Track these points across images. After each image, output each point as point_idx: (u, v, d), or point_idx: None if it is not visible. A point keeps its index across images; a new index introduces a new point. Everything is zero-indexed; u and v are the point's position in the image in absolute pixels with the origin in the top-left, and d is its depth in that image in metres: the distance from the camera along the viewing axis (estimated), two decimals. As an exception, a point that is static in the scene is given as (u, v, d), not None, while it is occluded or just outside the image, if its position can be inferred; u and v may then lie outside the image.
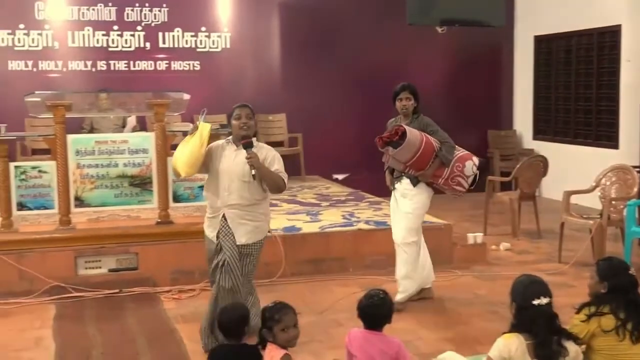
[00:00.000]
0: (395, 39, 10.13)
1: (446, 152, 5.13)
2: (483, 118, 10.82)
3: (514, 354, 3.10)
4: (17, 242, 5.75)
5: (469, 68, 10.67)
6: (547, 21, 10.26)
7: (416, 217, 5.31)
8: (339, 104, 10.19)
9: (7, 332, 4.88)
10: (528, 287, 3.23)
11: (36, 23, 9.17)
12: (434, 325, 4.95)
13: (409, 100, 5.23)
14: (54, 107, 5.80)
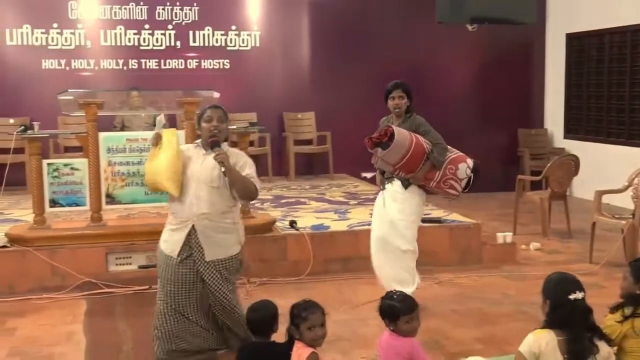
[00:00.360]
0: (424, 37, 10.07)
1: (437, 154, 4.87)
2: (513, 117, 10.72)
3: (544, 350, 3.06)
4: (50, 239, 5.80)
5: (500, 66, 10.57)
6: (579, 18, 10.12)
7: (411, 223, 5.01)
8: (368, 102, 10.10)
9: (39, 326, 4.93)
10: (563, 283, 3.18)
11: (69, 22, 9.28)
12: (462, 324, 4.91)
13: (401, 99, 5.01)
14: (86, 105, 5.84)
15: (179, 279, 4.01)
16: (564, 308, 3.09)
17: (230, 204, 3.99)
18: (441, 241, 6.50)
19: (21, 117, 8.84)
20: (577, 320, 3.08)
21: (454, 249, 6.52)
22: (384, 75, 10.08)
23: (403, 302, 3.37)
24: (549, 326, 3.13)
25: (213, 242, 3.95)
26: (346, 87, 10.03)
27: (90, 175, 5.89)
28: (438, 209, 7.41)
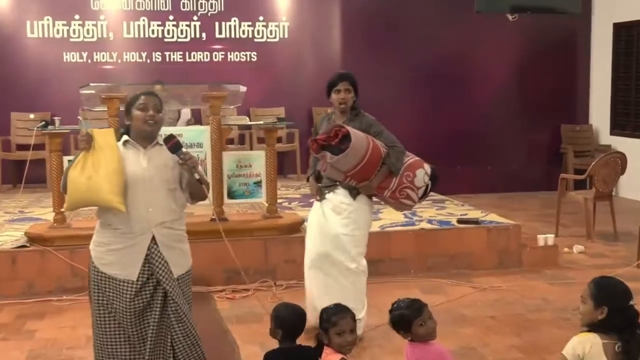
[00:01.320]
0: (462, 27, 9.99)
1: (395, 159, 4.42)
2: (556, 111, 10.60)
3: (589, 353, 3.07)
4: (70, 238, 5.84)
5: (542, 58, 10.45)
6: (627, 7, 9.98)
7: (360, 238, 4.57)
8: (402, 96, 10.11)
9: (59, 329, 4.99)
10: (620, 289, 3.18)
11: (91, 13, 9.37)
12: (501, 332, 4.87)
13: (348, 93, 4.50)
14: (108, 99, 5.89)
15: (137, 309, 3.38)
16: (624, 314, 3.10)
17: (183, 208, 3.54)
18: (478, 243, 6.46)
19: (42, 112, 8.94)
20: (633, 325, 3.09)
21: (491, 251, 6.47)
22: (419, 69, 10.10)
23: (410, 306, 3.32)
24: (598, 330, 3.12)
25: (176, 254, 3.46)
26: (379, 80, 9.98)
27: (112, 173, 5.93)
28: (475, 209, 7.36)
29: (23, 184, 6.71)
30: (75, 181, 3.28)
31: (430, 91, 10.14)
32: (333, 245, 4.52)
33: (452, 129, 10.20)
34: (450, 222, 6.74)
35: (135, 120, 3.39)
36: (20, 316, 5.25)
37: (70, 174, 3.30)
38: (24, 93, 9.19)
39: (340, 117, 4.54)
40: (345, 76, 4.58)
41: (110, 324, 3.39)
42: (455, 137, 10.22)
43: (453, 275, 6.10)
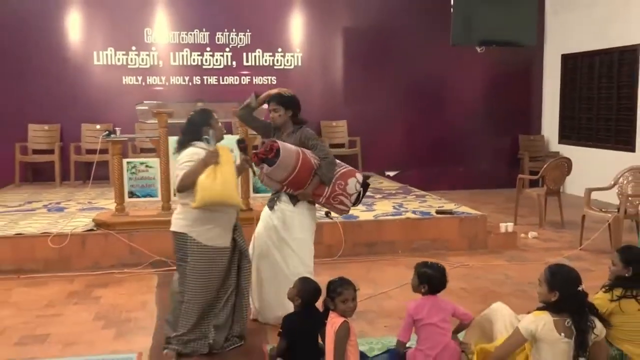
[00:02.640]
0: (440, 57, 9.98)
1: (326, 169, 4.03)
2: (515, 124, 10.57)
3: (542, 329, 3.03)
4: (128, 224, 5.88)
5: (504, 82, 10.43)
6: (572, 41, 9.94)
7: (309, 241, 4.18)
8: (392, 112, 10.12)
9: (120, 296, 5.02)
10: (570, 277, 3.13)
11: (145, 46, 9.40)
12: (470, 300, 4.86)
13: (275, 112, 4.12)
14: (158, 114, 5.90)
15: (226, 268, 3.73)
16: (575, 298, 3.06)
17: None
18: (452, 230, 6.45)
19: (106, 123, 8.97)
20: (582, 306, 3.07)
21: (463, 236, 6.46)
22: (406, 89, 10.10)
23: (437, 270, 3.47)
24: (551, 310, 3.08)
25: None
26: (373, 99, 10.01)
27: (161, 172, 5.95)
28: (450, 203, 7.35)
29: (91, 180, 6.73)
30: (210, 187, 3.53)
31: (415, 107, 10.14)
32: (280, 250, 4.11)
33: (432, 137, 10.20)
34: (430, 212, 6.73)
35: (218, 130, 3.77)
36: (88, 285, 5.28)
37: (204, 181, 3.53)
38: (91, 108, 9.21)
39: (284, 130, 4.16)
40: (273, 97, 4.17)
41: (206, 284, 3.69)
42: (434, 144, 10.22)
43: (432, 255, 6.09)
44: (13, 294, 5.05)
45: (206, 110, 3.88)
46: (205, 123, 3.77)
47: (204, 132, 3.73)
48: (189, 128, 3.82)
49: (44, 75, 9.06)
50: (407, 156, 10.17)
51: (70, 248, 5.67)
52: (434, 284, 3.43)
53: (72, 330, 4.27)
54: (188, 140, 3.76)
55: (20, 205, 7.33)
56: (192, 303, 3.70)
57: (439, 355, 3.33)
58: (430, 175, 10.12)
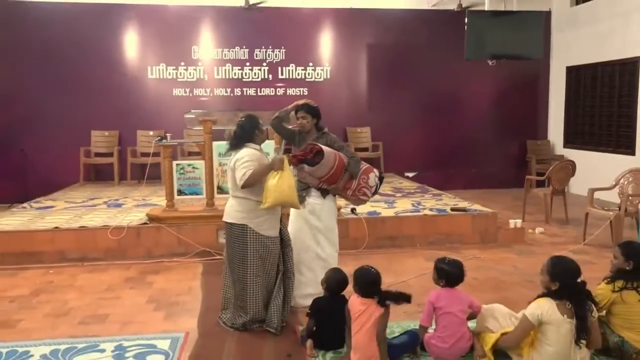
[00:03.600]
0: (455, 70, 9.87)
1: (354, 166, 4.24)
2: (523, 131, 10.39)
3: (546, 312, 3.03)
4: (177, 218, 5.93)
5: (513, 91, 10.26)
6: (576, 54, 9.73)
7: (335, 227, 4.34)
8: (411, 119, 10.04)
9: (169, 281, 5.07)
10: (571, 267, 3.11)
11: (192, 61, 9.48)
12: (482, 289, 4.80)
13: (304, 119, 4.29)
14: (204, 121, 5.94)
15: (277, 254, 3.89)
16: (572, 288, 3.04)
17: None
18: (466, 225, 6.37)
19: (158, 130, 9.05)
20: (582, 294, 3.06)
21: (475, 231, 6.37)
22: (424, 99, 10.01)
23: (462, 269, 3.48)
24: (552, 297, 3.06)
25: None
26: (394, 108, 9.94)
27: (206, 173, 5.99)
28: (464, 201, 7.26)
29: (145, 180, 6.81)
30: (282, 190, 3.68)
31: (432, 115, 10.05)
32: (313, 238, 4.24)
33: (447, 142, 10.09)
34: (445, 210, 6.66)
35: (264, 133, 3.97)
36: (142, 272, 5.35)
37: (276, 185, 3.68)
38: (146, 117, 9.33)
39: (308, 135, 4.32)
40: (302, 106, 4.33)
41: (266, 269, 3.83)
42: (449, 148, 10.11)
43: (447, 248, 6.04)
44: (78, 279, 5.15)
45: (254, 117, 3.97)
46: (255, 127, 3.89)
47: (256, 137, 3.87)
48: (241, 132, 3.88)
49: (105, 88, 9.21)
50: (424, 159, 10.09)
51: (126, 239, 5.75)
52: (451, 279, 3.40)
53: (128, 311, 4.33)
54: (241, 143, 3.85)
55: (83, 201, 7.46)
56: (256, 288, 3.80)
57: (456, 342, 3.30)
58: (446, 176, 10.01)
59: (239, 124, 3.94)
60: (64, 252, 5.68)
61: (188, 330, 3.92)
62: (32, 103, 9.05)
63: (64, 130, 9.11)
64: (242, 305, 3.87)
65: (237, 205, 3.83)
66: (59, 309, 4.39)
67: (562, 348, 3.02)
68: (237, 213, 3.82)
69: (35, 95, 9.06)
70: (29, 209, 6.98)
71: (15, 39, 8.96)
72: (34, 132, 9.03)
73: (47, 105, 9.08)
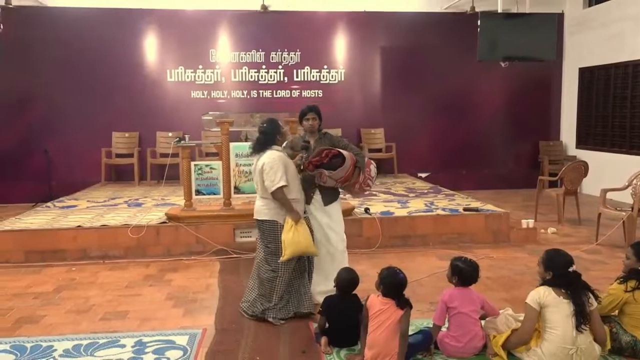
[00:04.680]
0: (468, 71, 9.81)
1: (362, 162, 4.32)
2: (535, 131, 10.28)
3: (543, 295, 3.13)
4: (195, 217, 5.96)
5: (526, 93, 10.17)
6: (589, 56, 9.61)
7: (342, 221, 4.39)
8: (424, 120, 9.99)
9: (188, 279, 5.10)
10: (563, 260, 3.21)
11: (210, 64, 9.53)
12: (494, 288, 4.77)
13: (315, 120, 4.34)
14: (221, 123, 5.94)
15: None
16: (567, 277, 3.13)
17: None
18: (478, 225, 6.32)
19: (177, 131, 9.15)
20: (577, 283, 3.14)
21: (488, 231, 6.33)
22: (436, 100, 9.96)
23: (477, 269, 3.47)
24: (548, 284, 3.17)
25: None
26: (407, 109, 9.90)
27: (224, 173, 6.01)
28: (476, 201, 7.21)
29: (164, 180, 6.86)
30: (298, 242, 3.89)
31: (445, 116, 9.99)
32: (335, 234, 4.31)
33: (460, 143, 10.03)
34: (458, 210, 6.62)
35: (284, 135, 4.11)
36: (161, 270, 5.39)
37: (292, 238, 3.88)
38: (165, 118, 9.40)
39: (311, 137, 4.36)
40: (312, 108, 4.39)
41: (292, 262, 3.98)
42: (462, 149, 10.04)
43: (460, 247, 6.00)
44: (99, 277, 5.20)
45: (274, 121, 4.08)
46: (277, 132, 4.03)
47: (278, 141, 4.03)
48: (264, 138, 4.01)
49: (125, 91, 9.30)
50: (437, 159, 10.04)
51: (146, 238, 5.80)
52: (464, 277, 3.39)
53: (147, 307, 4.36)
54: (264, 148, 3.98)
55: (105, 201, 7.54)
56: (284, 277, 3.97)
57: (469, 341, 3.28)
58: (459, 177, 9.95)
59: (261, 129, 4.04)
60: (86, 250, 5.75)
61: (206, 326, 3.94)
62: (55, 105, 9.17)
63: (85, 132, 9.21)
64: (266, 293, 4.01)
65: (266, 204, 4.00)
66: (81, 305, 4.44)
67: (566, 330, 3.05)
68: (267, 211, 3.99)
69: (57, 98, 9.17)
70: (53, 208, 7.07)
71: (38, 44, 9.08)
72: (56, 134, 9.15)
73: (69, 107, 9.19)
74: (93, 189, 8.69)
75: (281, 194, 3.88)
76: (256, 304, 4.07)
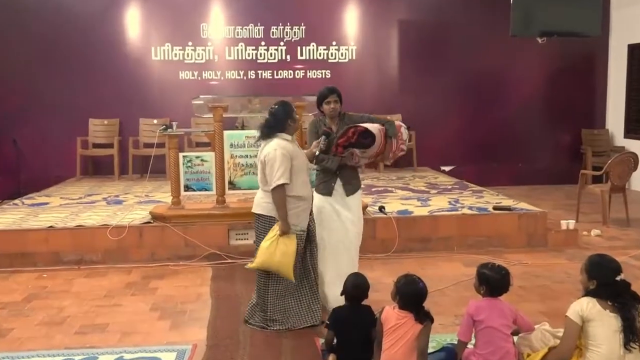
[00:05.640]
0: (499, 47, 9.75)
1: (392, 130, 4.51)
2: (578, 118, 10.22)
3: (586, 307, 3.11)
4: (184, 217, 5.97)
5: (566, 73, 10.10)
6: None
7: (362, 218, 4.63)
8: (448, 105, 9.95)
9: (175, 287, 5.11)
10: (609, 266, 3.18)
11: (201, 41, 9.53)
12: (529, 299, 4.74)
13: (336, 103, 4.50)
14: (214, 108, 5.94)
15: (302, 249, 4.10)
16: (611, 287, 3.11)
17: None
18: (510, 226, 6.29)
19: (163, 118, 9.15)
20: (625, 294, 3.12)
21: (521, 233, 6.30)
22: (462, 82, 9.91)
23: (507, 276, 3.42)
24: (592, 295, 3.15)
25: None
26: (429, 92, 9.86)
27: (217, 166, 6.01)
28: (508, 199, 7.18)
29: (148, 174, 6.87)
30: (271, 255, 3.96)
31: (472, 100, 9.95)
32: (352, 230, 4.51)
33: (490, 131, 9.99)
34: (487, 208, 6.59)
35: (297, 123, 4.20)
36: (145, 277, 5.40)
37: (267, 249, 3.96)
38: (149, 103, 9.41)
39: (331, 121, 4.54)
40: (333, 90, 4.53)
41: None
42: (492, 138, 10.00)
43: (489, 252, 5.97)
44: (74, 284, 5.22)
45: (288, 104, 4.14)
46: (289, 116, 4.07)
47: (289, 126, 4.06)
48: (274, 121, 4.06)
49: (103, 71, 9.31)
50: (463, 151, 9.99)
51: (128, 240, 5.81)
52: (492, 286, 3.35)
53: (129, 320, 4.38)
54: (272, 132, 4.04)
55: (80, 197, 7.57)
56: (276, 287, 4.06)
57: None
58: (488, 170, 9.91)
59: (271, 111, 4.10)
60: (59, 254, 5.76)
61: (196, 342, 3.95)
62: (24, 89, 9.20)
63: (59, 119, 9.24)
64: (261, 302, 4.11)
65: (266, 197, 4.04)
66: (54, 316, 4.46)
67: (612, 348, 3.05)
68: (266, 204, 4.05)
69: (27, 81, 9.20)
70: (22, 206, 7.11)
71: (4, 20, 9.09)
72: (26, 122, 9.18)
73: (41, 92, 9.21)
74: (67, 184, 8.72)
75: (279, 193, 3.92)
76: (255, 312, 4.18)
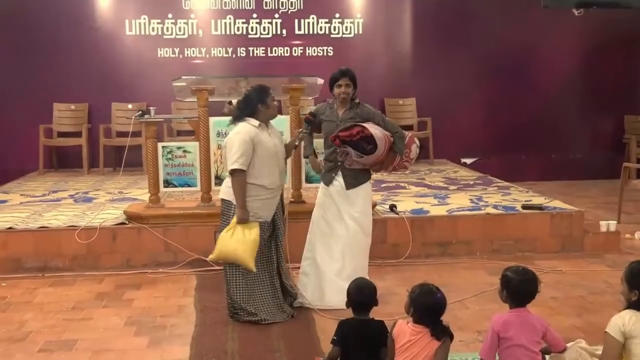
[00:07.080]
0: (529, 21, 9.76)
1: (400, 145, 4.81)
2: (620, 102, 10.22)
3: (628, 323, 3.12)
4: (164, 217, 5.97)
5: (606, 51, 10.09)
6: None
7: (369, 214, 4.91)
8: (470, 88, 9.95)
9: (154, 298, 5.11)
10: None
11: (183, 13, 9.53)
12: (563, 312, 4.76)
13: (348, 87, 4.77)
14: (198, 91, 5.93)
15: (267, 242, 4.52)
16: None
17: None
18: (542, 228, 6.31)
19: (138, 102, 9.17)
20: None
21: (554, 236, 6.31)
22: (486, 62, 9.91)
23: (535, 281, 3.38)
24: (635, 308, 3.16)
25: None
26: (447, 73, 9.86)
27: (201, 158, 6.01)
28: (539, 196, 7.20)
29: (122, 167, 6.87)
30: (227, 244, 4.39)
31: (497, 82, 9.95)
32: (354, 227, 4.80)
33: (517, 118, 9.99)
34: (515, 207, 6.61)
35: (271, 109, 4.51)
36: (119, 286, 5.41)
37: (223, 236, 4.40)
38: (123, 85, 9.42)
39: (341, 106, 4.83)
40: (345, 72, 4.81)
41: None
42: (520, 126, 10.01)
43: (517, 258, 5.98)
44: (37, 295, 5.23)
45: (264, 88, 4.53)
46: (261, 101, 4.44)
47: (259, 112, 4.44)
48: (245, 104, 4.49)
49: (70, 48, 9.31)
50: (487, 140, 10.01)
51: (99, 244, 5.82)
52: (513, 290, 3.34)
53: (101, 336, 4.39)
54: (241, 116, 4.45)
55: (44, 194, 7.57)
56: (235, 272, 4.46)
57: None
58: (516, 163, 9.93)
59: (245, 93, 4.54)
60: (19, 260, 5.77)
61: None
62: (-22, 68, 9.21)
63: (18, 104, 9.25)
64: (227, 288, 4.53)
65: (229, 181, 4.43)
66: (15, 332, 4.47)
67: None
68: (228, 190, 4.45)
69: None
70: (-25, 204, 7.12)
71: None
72: (-20, 106, 9.19)
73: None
74: (28, 179, 8.74)
75: (237, 178, 4.31)
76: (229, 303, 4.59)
